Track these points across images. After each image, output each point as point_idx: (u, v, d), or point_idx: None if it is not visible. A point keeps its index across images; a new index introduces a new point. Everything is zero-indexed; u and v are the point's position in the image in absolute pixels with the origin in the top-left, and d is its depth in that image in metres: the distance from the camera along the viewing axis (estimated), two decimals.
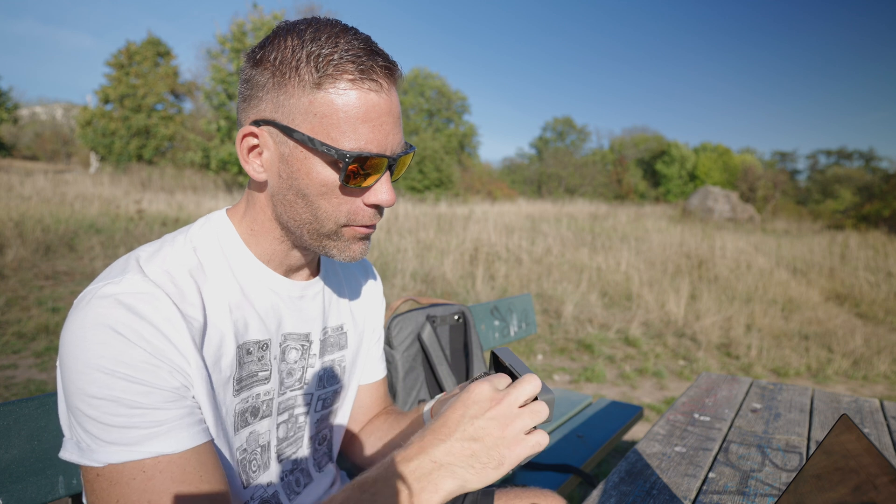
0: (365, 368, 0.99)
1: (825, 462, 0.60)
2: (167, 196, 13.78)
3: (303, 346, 0.83)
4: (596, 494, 0.93)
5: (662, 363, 4.59)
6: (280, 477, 0.83)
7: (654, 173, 41.81)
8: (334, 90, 0.65)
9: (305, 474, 0.89)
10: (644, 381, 4.16)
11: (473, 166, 35.06)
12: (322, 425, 0.91)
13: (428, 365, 1.57)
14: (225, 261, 0.74)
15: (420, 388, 1.55)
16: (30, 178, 13.55)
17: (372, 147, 0.67)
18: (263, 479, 0.79)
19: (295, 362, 0.82)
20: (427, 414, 0.88)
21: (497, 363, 0.81)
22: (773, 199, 32.78)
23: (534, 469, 1.59)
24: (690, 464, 1.08)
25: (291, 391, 0.83)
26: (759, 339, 5.21)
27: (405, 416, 0.96)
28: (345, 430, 1.00)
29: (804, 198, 39.30)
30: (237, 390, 0.73)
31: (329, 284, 0.90)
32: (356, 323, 0.96)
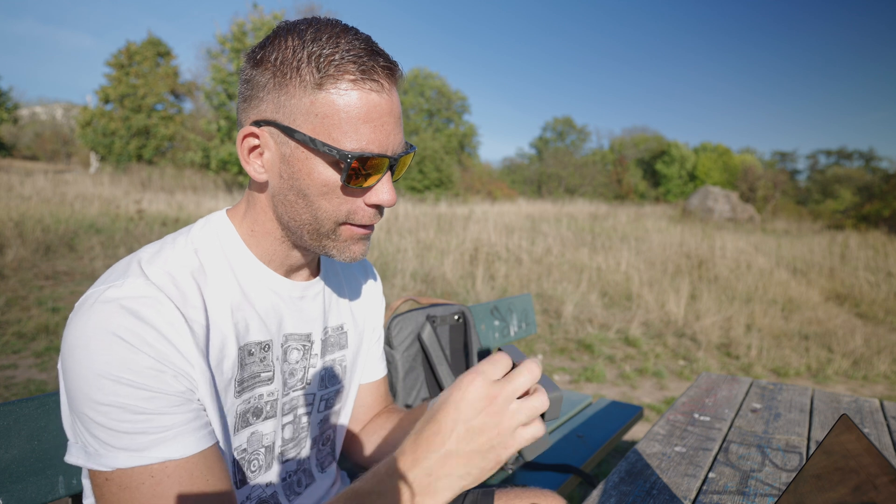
0: (365, 368, 1.00)
1: (825, 462, 0.60)
2: (167, 196, 13.78)
3: (304, 347, 0.83)
4: (596, 494, 0.93)
5: (662, 363, 4.59)
6: (283, 477, 0.83)
7: (654, 173, 41.82)
8: (336, 90, 0.65)
9: (308, 475, 0.89)
10: (644, 381, 4.16)
11: (473, 166, 35.06)
12: (325, 426, 0.91)
13: (428, 365, 1.57)
14: (226, 262, 0.74)
15: (420, 388, 1.55)
16: (30, 178, 13.55)
17: (373, 147, 0.67)
18: (263, 480, 0.79)
19: (296, 362, 0.82)
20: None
21: None
22: (773, 199, 32.78)
23: (534, 469, 1.59)
24: (690, 464, 1.08)
25: (294, 392, 0.83)
26: (759, 339, 5.21)
27: (408, 415, 0.96)
28: (346, 430, 1.00)
29: (804, 198, 39.30)
30: (238, 392, 0.73)
31: (329, 284, 0.90)
32: (356, 322, 0.96)
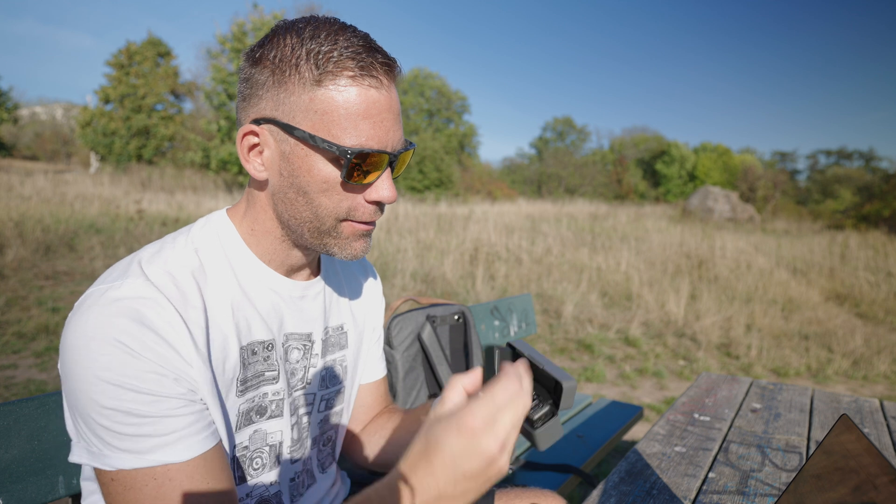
0: (366, 368, 0.99)
1: (825, 462, 0.60)
2: (167, 196, 13.78)
3: (305, 346, 0.83)
4: (596, 494, 0.93)
5: (662, 363, 4.59)
6: (290, 478, 0.83)
7: (654, 173, 41.80)
8: (335, 87, 0.65)
9: (310, 475, 0.88)
10: (644, 381, 4.16)
11: (473, 166, 35.04)
12: (325, 426, 0.91)
13: (428, 365, 1.57)
14: (226, 261, 0.74)
15: (420, 388, 1.55)
16: (30, 178, 13.55)
17: (373, 143, 0.67)
18: (266, 479, 0.79)
19: (297, 362, 0.82)
20: None
21: (515, 355, 0.81)
22: (773, 199, 32.77)
23: (534, 469, 1.59)
24: (690, 464, 1.08)
25: (295, 392, 0.83)
26: (759, 339, 5.21)
27: (411, 414, 0.96)
28: (346, 431, 1.00)
29: (804, 198, 39.28)
30: (241, 391, 0.73)
31: (330, 284, 0.90)
32: (356, 322, 0.96)
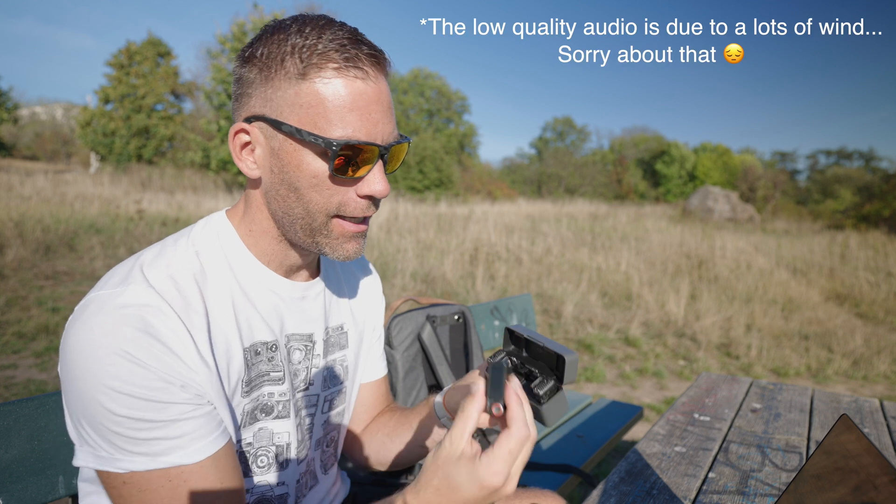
0: (366, 367, 0.99)
1: (825, 462, 0.60)
2: (167, 196, 13.78)
3: (306, 347, 0.83)
4: (596, 494, 0.93)
5: (662, 363, 4.59)
6: (297, 479, 0.83)
7: (654, 173, 41.79)
8: (319, 79, 0.65)
9: (312, 476, 0.89)
10: (644, 381, 4.16)
11: (473, 166, 35.02)
12: (328, 426, 0.91)
13: (428, 365, 1.57)
14: (226, 263, 0.74)
15: (420, 388, 1.55)
16: (30, 178, 13.54)
17: (360, 135, 0.66)
18: (270, 479, 0.79)
19: (299, 363, 0.82)
20: (440, 406, 0.87)
21: (514, 338, 0.81)
22: (773, 199, 32.77)
23: (534, 469, 1.59)
24: (690, 464, 1.08)
25: (298, 392, 0.83)
26: (759, 339, 5.21)
27: (413, 412, 0.96)
28: (347, 431, 1.00)
29: (804, 198, 39.25)
30: (246, 391, 0.73)
31: (329, 285, 0.90)
32: (356, 322, 0.95)
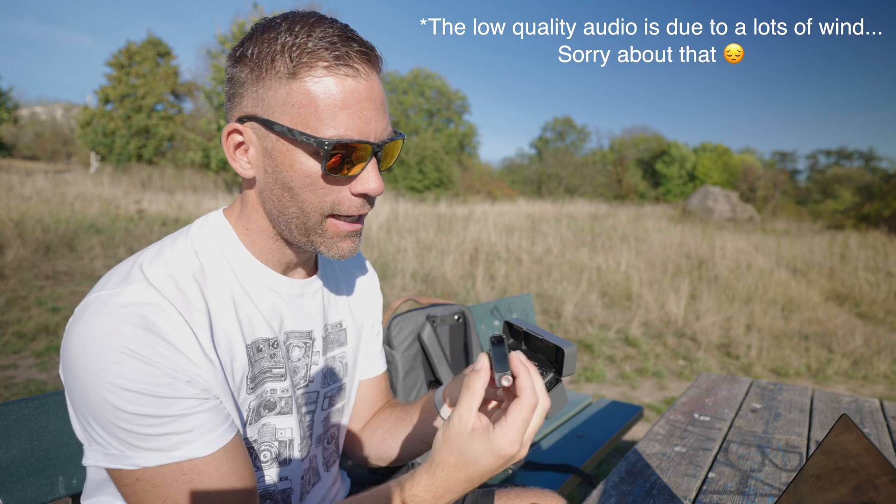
0: (365, 363, 1.00)
1: (825, 462, 0.60)
2: (167, 196, 13.77)
3: (305, 344, 0.83)
4: (596, 494, 0.93)
5: (662, 363, 4.59)
6: (301, 476, 0.84)
7: (654, 173, 41.77)
8: (310, 78, 0.64)
9: (315, 473, 0.89)
10: (644, 381, 4.16)
11: (473, 166, 35.00)
12: (328, 423, 0.91)
13: (428, 365, 1.57)
14: (225, 262, 0.74)
15: (420, 388, 1.55)
16: (30, 178, 13.54)
17: (353, 134, 0.66)
18: (272, 473, 0.79)
19: (299, 360, 0.82)
20: (440, 399, 0.87)
21: (513, 331, 0.81)
22: (773, 199, 32.76)
23: (534, 469, 1.59)
24: (690, 464, 1.08)
25: (299, 389, 0.83)
26: (759, 339, 5.21)
27: (413, 408, 0.96)
28: (348, 428, 1.00)
29: (804, 198, 39.23)
30: (251, 388, 0.73)
31: (328, 282, 0.90)
32: (354, 319, 0.96)
